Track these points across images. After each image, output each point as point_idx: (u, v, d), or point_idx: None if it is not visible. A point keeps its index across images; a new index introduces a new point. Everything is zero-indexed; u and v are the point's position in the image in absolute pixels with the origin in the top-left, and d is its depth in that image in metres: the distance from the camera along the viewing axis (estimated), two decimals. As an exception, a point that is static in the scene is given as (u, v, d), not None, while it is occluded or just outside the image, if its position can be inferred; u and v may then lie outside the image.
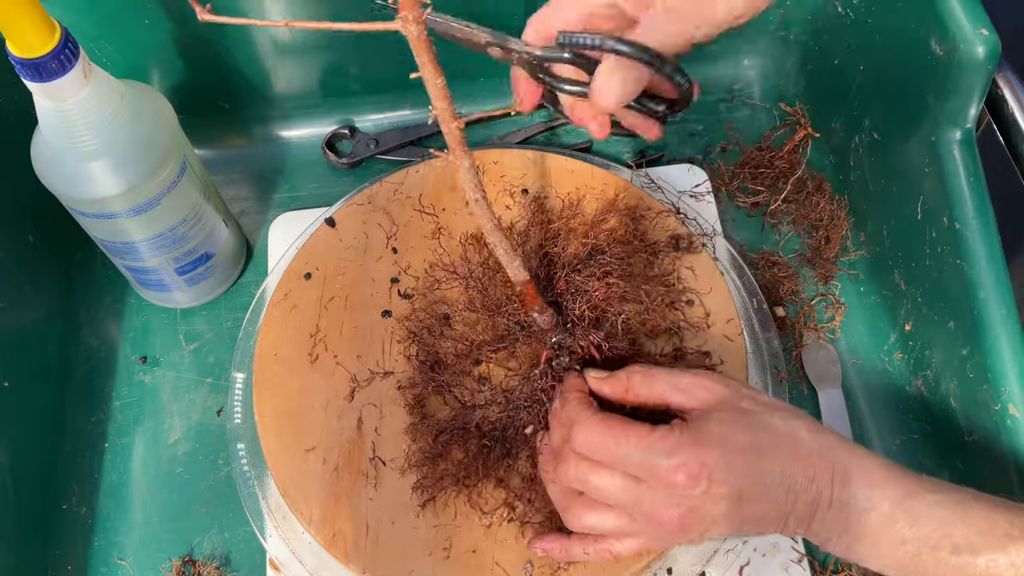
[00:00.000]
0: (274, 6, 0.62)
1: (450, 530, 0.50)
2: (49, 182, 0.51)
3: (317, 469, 0.51)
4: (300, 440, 0.52)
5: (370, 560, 0.49)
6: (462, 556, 0.49)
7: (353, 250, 0.59)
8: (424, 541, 0.49)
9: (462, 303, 0.56)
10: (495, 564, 0.49)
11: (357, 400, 0.53)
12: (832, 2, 0.62)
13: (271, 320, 0.56)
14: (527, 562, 0.49)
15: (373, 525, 0.50)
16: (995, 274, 0.50)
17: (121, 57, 0.63)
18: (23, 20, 0.43)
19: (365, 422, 0.53)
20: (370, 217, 0.60)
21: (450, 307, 0.56)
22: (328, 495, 0.51)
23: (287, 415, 0.53)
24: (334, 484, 0.51)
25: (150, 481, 0.58)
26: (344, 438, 0.52)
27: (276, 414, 0.53)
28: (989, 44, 0.48)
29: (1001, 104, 0.51)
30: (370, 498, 0.51)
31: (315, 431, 0.53)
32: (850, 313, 0.62)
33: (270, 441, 0.52)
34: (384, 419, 0.53)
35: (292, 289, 0.57)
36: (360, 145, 0.69)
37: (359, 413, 0.53)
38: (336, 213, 0.60)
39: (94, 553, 0.56)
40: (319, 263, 0.58)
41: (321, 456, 0.52)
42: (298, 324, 0.56)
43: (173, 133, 0.54)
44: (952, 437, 0.55)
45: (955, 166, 0.51)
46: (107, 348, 0.63)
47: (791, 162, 0.67)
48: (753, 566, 0.52)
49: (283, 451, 0.52)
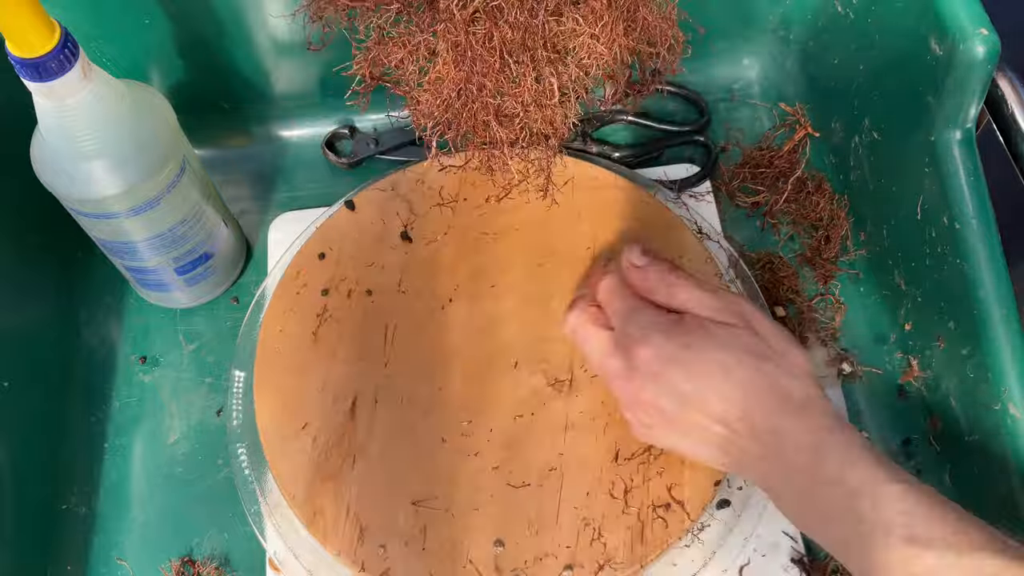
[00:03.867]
0: (273, 5, 0.62)
1: (427, 516, 0.50)
2: (49, 182, 0.51)
3: (307, 448, 0.52)
4: (294, 417, 0.53)
5: (347, 543, 0.50)
6: (439, 546, 0.50)
7: (369, 235, 0.59)
8: (404, 531, 0.50)
9: None
10: (469, 561, 0.49)
11: (354, 384, 0.54)
12: (832, 2, 0.62)
13: (281, 296, 0.57)
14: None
15: (354, 509, 0.51)
16: (995, 274, 0.50)
17: (121, 57, 0.63)
18: (23, 20, 0.43)
19: (359, 407, 0.53)
20: (390, 204, 0.60)
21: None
22: (314, 475, 0.51)
23: (285, 391, 0.54)
24: (321, 464, 0.52)
25: (150, 481, 0.58)
26: (337, 421, 0.53)
27: (274, 389, 0.54)
28: (989, 44, 0.48)
29: (1001, 104, 0.51)
30: (354, 482, 0.51)
31: (310, 410, 0.53)
32: (850, 313, 0.62)
33: (265, 415, 0.53)
34: (379, 405, 0.53)
35: (305, 268, 0.58)
36: (360, 145, 0.69)
37: (354, 397, 0.54)
38: (357, 197, 0.61)
39: (94, 553, 0.56)
40: (334, 244, 0.59)
41: (312, 435, 0.53)
42: (306, 303, 0.57)
43: (173, 133, 0.54)
44: (952, 437, 0.55)
45: (955, 166, 0.51)
46: (107, 348, 0.62)
47: (791, 162, 0.67)
48: (753, 566, 0.52)
49: (276, 427, 0.53)
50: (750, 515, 0.52)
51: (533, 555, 0.50)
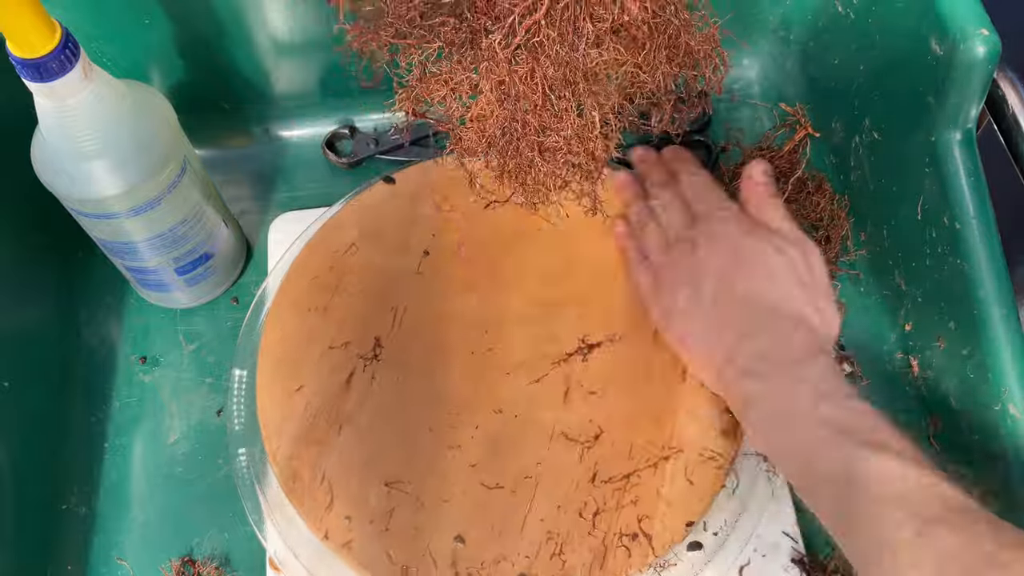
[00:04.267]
0: (272, 5, 0.62)
1: (397, 499, 0.51)
2: (49, 182, 0.51)
3: (298, 409, 0.53)
4: (292, 378, 0.54)
5: (316, 508, 0.51)
6: (402, 530, 0.50)
7: (400, 215, 0.60)
8: (372, 509, 0.51)
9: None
10: (428, 551, 0.50)
11: (354, 358, 0.55)
12: (832, 2, 0.62)
13: (301, 263, 0.58)
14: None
15: (329, 477, 0.51)
16: (995, 274, 0.50)
17: (121, 57, 0.63)
18: (23, 20, 0.43)
19: (355, 380, 0.54)
20: (425, 187, 0.61)
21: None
22: (300, 436, 0.53)
23: (287, 353, 0.55)
24: (309, 428, 0.53)
25: (150, 481, 0.58)
26: (331, 391, 0.54)
27: (278, 349, 0.56)
28: (989, 44, 0.48)
29: (1001, 104, 0.51)
30: (335, 452, 0.52)
31: (308, 375, 0.55)
32: (850, 313, 0.62)
33: (266, 373, 0.55)
34: (375, 382, 0.54)
35: (328, 239, 0.59)
36: (360, 145, 0.69)
37: (352, 370, 0.54)
38: (398, 174, 0.62)
39: (94, 553, 0.56)
40: (364, 219, 0.60)
41: (306, 398, 0.54)
42: (323, 273, 0.58)
43: (173, 133, 0.54)
44: (952, 437, 0.55)
45: (955, 166, 0.51)
46: (107, 348, 0.62)
47: (791, 162, 0.67)
48: (753, 566, 0.52)
49: (274, 385, 0.54)
50: (750, 515, 0.52)
51: (491, 557, 0.49)
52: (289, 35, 0.64)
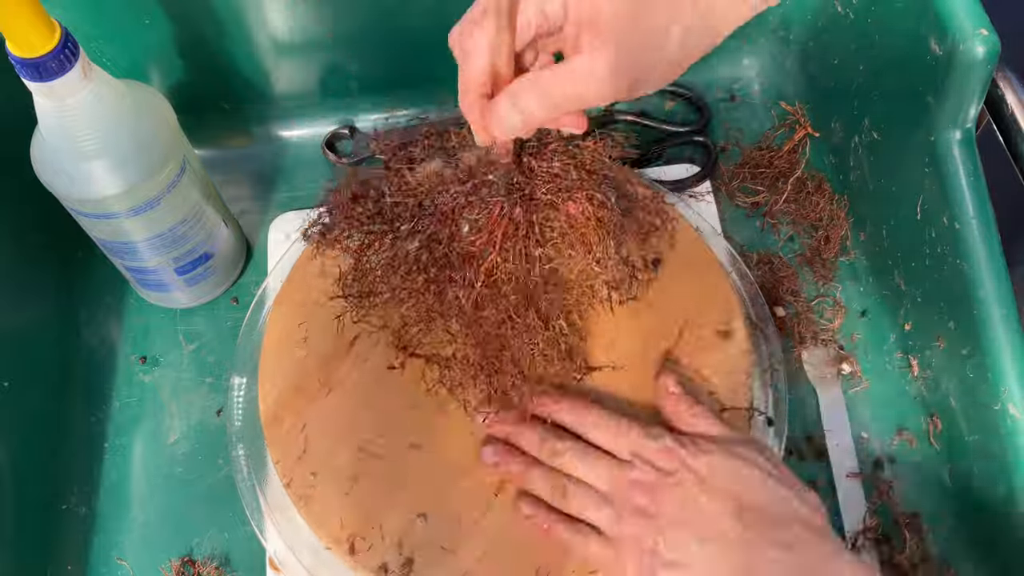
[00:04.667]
0: (272, 5, 0.62)
1: (366, 467, 0.51)
2: (49, 182, 0.51)
3: (297, 360, 0.54)
4: (295, 335, 0.55)
5: (289, 457, 0.52)
6: (361, 499, 0.51)
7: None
8: (338, 471, 0.51)
9: None
10: (379, 526, 0.50)
11: (365, 325, 0.55)
12: (832, 2, 0.62)
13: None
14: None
15: (308, 430, 0.52)
16: (995, 274, 0.50)
17: (121, 57, 0.63)
18: (23, 20, 0.43)
19: (359, 344, 0.55)
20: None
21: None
22: (290, 387, 0.54)
23: (297, 312, 0.56)
24: (302, 379, 0.54)
25: (150, 481, 0.58)
26: (332, 350, 0.54)
27: (294, 305, 0.56)
28: (989, 44, 0.48)
29: (1001, 104, 0.51)
30: (320, 406, 0.53)
31: (314, 329, 0.55)
32: (850, 313, 0.62)
33: (274, 333, 0.56)
34: (376, 349, 0.54)
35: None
36: (360, 145, 0.69)
37: (357, 334, 0.55)
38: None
39: (94, 553, 0.56)
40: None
41: (306, 351, 0.55)
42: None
43: (173, 133, 0.54)
44: (952, 437, 0.55)
45: (955, 166, 0.51)
46: (107, 348, 0.63)
47: (791, 162, 0.67)
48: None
49: (279, 343, 0.55)
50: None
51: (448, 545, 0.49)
52: (289, 35, 0.64)
